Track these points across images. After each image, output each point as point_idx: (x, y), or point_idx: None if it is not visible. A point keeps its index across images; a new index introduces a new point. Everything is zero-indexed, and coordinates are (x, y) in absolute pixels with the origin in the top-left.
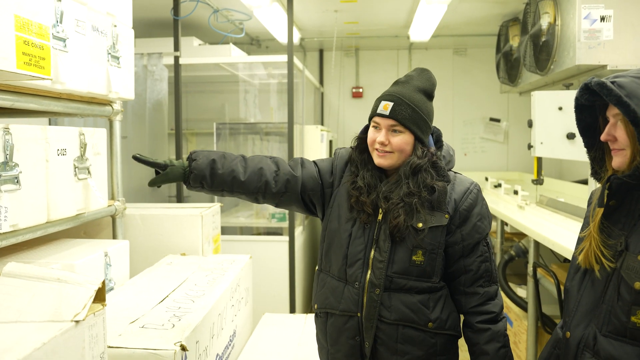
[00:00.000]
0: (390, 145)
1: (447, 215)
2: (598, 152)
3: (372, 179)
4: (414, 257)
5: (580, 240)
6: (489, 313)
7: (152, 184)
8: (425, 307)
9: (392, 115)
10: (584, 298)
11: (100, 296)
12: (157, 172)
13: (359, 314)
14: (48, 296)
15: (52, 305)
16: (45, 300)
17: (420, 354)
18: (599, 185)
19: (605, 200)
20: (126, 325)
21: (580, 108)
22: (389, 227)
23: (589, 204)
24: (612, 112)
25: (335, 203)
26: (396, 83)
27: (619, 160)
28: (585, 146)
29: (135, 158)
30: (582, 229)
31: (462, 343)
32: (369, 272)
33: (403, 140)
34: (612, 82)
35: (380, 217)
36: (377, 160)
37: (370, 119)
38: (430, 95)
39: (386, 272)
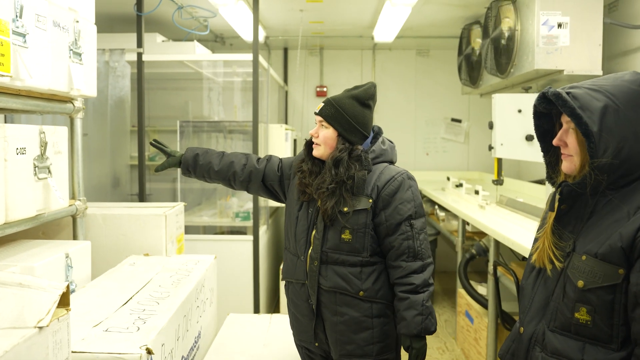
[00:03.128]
0: (319, 138)
1: (370, 200)
2: (553, 157)
3: (312, 165)
4: (342, 236)
5: (536, 240)
6: (410, 284)
7: (157, 170)
8: (356, 278)
9: (319, 113)
10: (537, 295)
11: (64, 300)
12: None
13: (306, 282)
14: (10, 302)
15: (14, 311)
16: (6, 306)
17: (356, 315)
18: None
19: (556, 204)
20: (89, 329)
21: (538, 115)
22: (321, 213)
23: (547, 204)
24: (566, 119)
25: (290, 190)
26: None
27: (567, 165)
28: (542, 151)
29: (152, 143)
30: (539, 229)
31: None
32: (310, 247)
33: (326, 134)
34: (567, 93)
35: (319, 203)
36: (313, 151)
37: None
38: (362, 102)
39: (321, 247)
